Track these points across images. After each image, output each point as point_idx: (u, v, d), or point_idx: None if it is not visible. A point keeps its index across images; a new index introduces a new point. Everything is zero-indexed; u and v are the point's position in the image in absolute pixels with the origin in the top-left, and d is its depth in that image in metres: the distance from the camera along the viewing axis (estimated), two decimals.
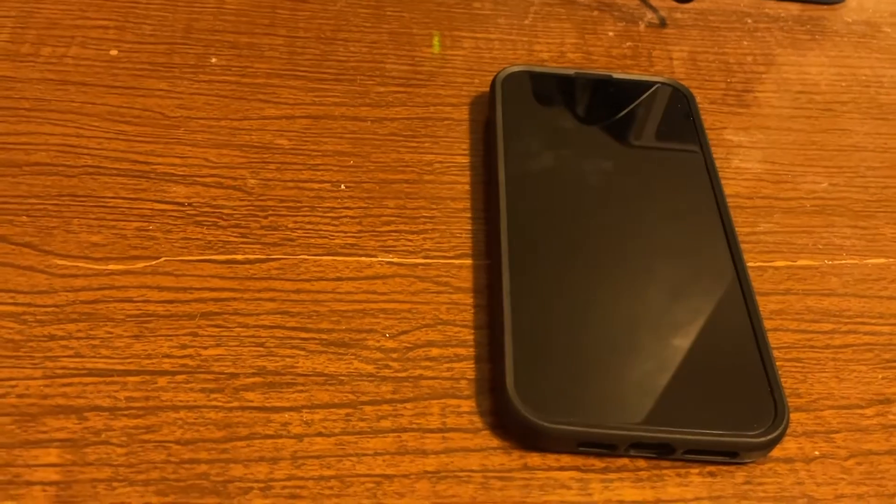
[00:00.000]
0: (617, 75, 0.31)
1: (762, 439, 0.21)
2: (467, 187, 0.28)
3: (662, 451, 0.21)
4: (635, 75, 0.32)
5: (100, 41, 0.32)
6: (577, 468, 0.21)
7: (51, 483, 0.20)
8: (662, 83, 0.31)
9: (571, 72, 0.31)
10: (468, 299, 0.25)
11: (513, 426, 0.21)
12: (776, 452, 0.22)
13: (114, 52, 0.32)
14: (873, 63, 0.36)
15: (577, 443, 0.21)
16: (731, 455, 0.21)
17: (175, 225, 0.26)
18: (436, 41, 0.35)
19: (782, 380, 0.24)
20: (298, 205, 0.27)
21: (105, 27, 0.33)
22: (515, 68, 0.31)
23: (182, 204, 0.26)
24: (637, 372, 0.22)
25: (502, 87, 0.30)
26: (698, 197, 0.27)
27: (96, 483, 0.20)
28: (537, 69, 0.31)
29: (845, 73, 0.36)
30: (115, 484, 0.20)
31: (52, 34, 0.32)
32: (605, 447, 0.21)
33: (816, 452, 0.22)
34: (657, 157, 0.29)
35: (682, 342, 0.23)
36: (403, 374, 0.23)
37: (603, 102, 0.31)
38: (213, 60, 0.32)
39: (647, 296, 0.24)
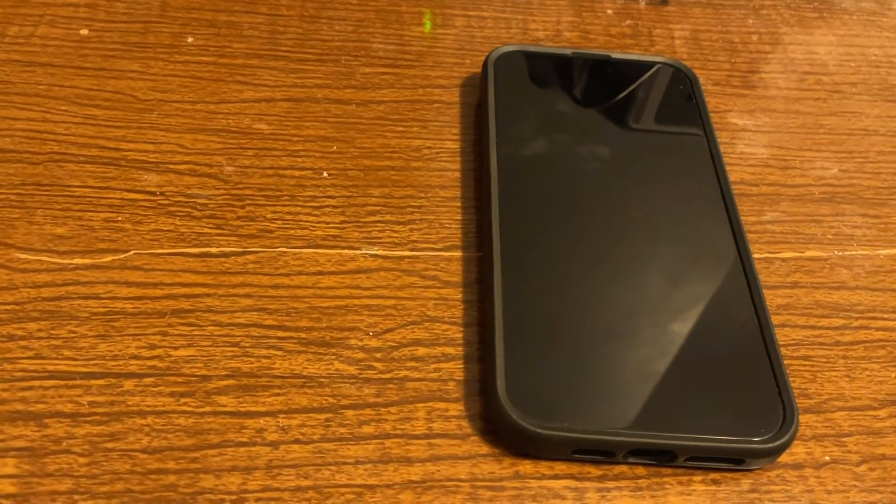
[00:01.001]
0: (616, 55, 0.30)
1: (770, 445, 0.20)
2: (458, 174, 0.27)
3: (663, 458, 0.20)
4: (635, 55, 0.30)
5: (70, 20, 0.30)
6: (572, 476, 0.20)
7: (7, 496, 0.18)
8: (664, 63, 0.30)
9: (568, 52, 0.30)
10: (457, 294, 0.23)
11: (504, 432, 0.20)
12: (784, 458, 0.21)
13: (84, 32, 0.30)
14: (883, 42, 0.35)
15: (573, 449, 0.20)
16: (736, 462, 0.20)
17: (146, 216, 0.24)
18: (427, 20, 0.33)
19: (791, 379, 0.22)
20: (278, 193, 0.25)
21: (76, 5, 0.31)
22: (509, 48, 0.29)
23: (154, 193, 0.25)
24: (636, 373, 0.21)
25: (495, 67, 0.29)
26: (701, 184, 0.26)
27: (56, 496, 0.18)
28: (532, 49, 0.30)
29: (854, 52, 0.34)
30: (76, 497, 0.18)
31: (19, 13, 0.30)
32: (601, 454, 0.20)
33: (827, 458, 0.21)
34: (658, 141, 0.27)
35: (685, 341, 0.22)
36: (388, 376, 0.21)
37: (601, 84, 0.29)
38: (190, 40, 0.30)
39: (648, 291, 0.23)
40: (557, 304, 0.22)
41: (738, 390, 0.21)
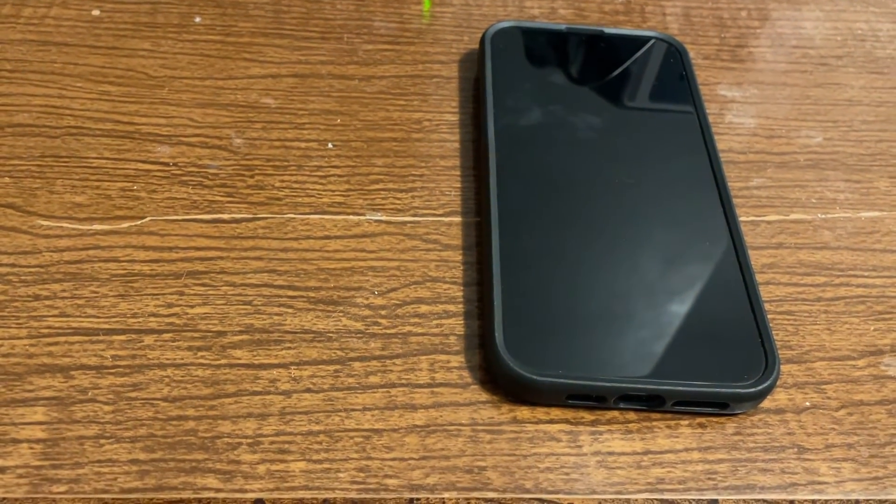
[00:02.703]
0: (609, 30, 0.31)
1: (752, 390, 0.21)
2: (457, 145, 0.28)
3: (652, 403, 0.21)
4: (628, 30, 0.31)
5: (81, 1, 0.32)
6: (566, 421, 0.21)
7: (37, 441, 0.20)
8: (656, 38, 0.31)
9: (562, 27, 0.31)
10: (457, 256, 0.25)
11: (502, 380, 0.21)
12: (767, 404, 0.22)
13: (96, 13, 0.31)
14: (869, 17, 0.36)
15: (567, 395, 0.21)
16: (721, 406, 0.21)
17: (160, 185, 0.25)
18: (427, 2, 0.34)
19: (774, 333, 0.24)
20: (285, 164, 0.27)
21: None
22: (505, 24, 0.30)
23: (167, 164, 0.26)
24: (627, 325, 0.22)
25: (491, 43, 0.30)
26: (691, 153, 0.27)
27: (83, 440, 0.20)
28: (527, 25, 0.31)
29: (841, 27, 0.35)
30: (101, 441, 0.20)
31: None
32: (594, 400, 0.21)
33: (807, 403, 0.22)
34: (650, 113, 0.29)
35: (674, 295, 0.23)
36: (392, 331, 0.23)
37: (594, 58, 0.30)
38: (197, 20, 0.31)
39: (639, 251, 0.24)
40: (552, 263, 0.23)
41: (723, 341, 0.22)
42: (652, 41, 0.31)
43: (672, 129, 0.28)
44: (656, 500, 0.20)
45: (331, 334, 0.22)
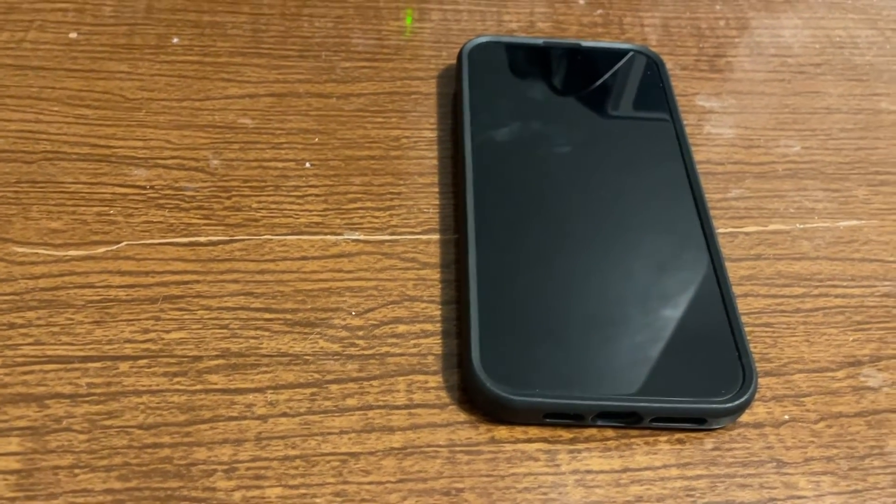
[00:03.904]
0: (586, 43, 0.31)
1: (729, 405, 0.21)
2: (435, 162, 0.28)
3: (630, 420, 0.21)
4: (604, 43, 0.31)
5: (59, 24, 0.32)
6: (544, 440, 0.21)
7: (11, 472, 0.20)
8: (632, 50, 0.31)
9: (539, 41, 0.31)
10: (435, 275, 0.25)
11: (479, 400, 0.21)
12: (745, 418, 0.22)
13: (73, 35, 0.31)
14: (847, 24, 0.36)
15: (544, 414, 0.21)
16: (699, 422, 0.21)
17: (136, 208, 0.25)
18: (408, 18, 0.34)
19: (752, 345, 0.24)
20: (262, 184, 0.27)
21: (64, 10, 0.32)
22: (482, 39, 0.31)
23: (143, 187, 0.26)
24: (604, 342, 0.22)
25: (469, 58, 0.30)
26: (668, 165, 0.27)
27: (58, 470, 0.20)
28: (504, 39, 0.31)
29: (819, 34, 0.35)
30: (76, 470, 0.20)
31: (10, 19, 0.32)
32: (571, 418, 0.21)
33: (786, 416, 0.22)
34: (627, 125, 0.29)
35: (650, 311, 0.23)
36: (370, 352, 0.23)
37: (571, 71, 0.30)
38: (175, 40, 0.31)
39: (615, 266, 0.24)
40: (529, 281, 0.23)
41: (700, 356, 0.22)
42: (628, 54, 0.31)
43: (649, 142, 0.28)
44: None
45: (307, 357, 0.22)
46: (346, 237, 0.25)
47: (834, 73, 0.33)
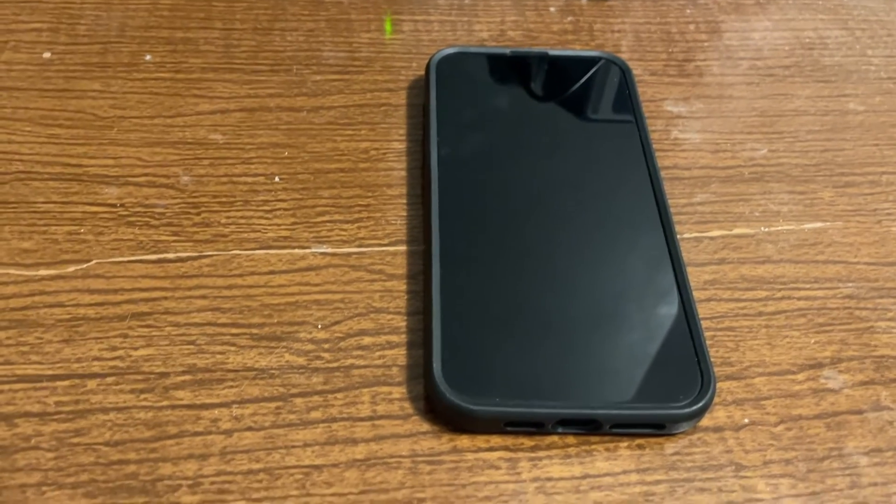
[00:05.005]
0: (553, 52, 0.31)
1: (687, 410, 0.21)
2: (403, 173, 0.28)
3: (590, 427, 0.21)
4: (571, 51, 0.32)
5: (33, 44, 0.32)
6: (506, 448, 0.21)
7: None
8: (598, 57, 0.31)
9: (507, 51, 0.31)
10: (402, 286, 0.25)
11: (440, 410, 0.22)
12: (705, 422, 0.22)
13: (47, 55, 0.32)
14: (817, 24, 0.36)
15: (505, 423, 0.21)
16: (658, 427, 0.21)
17: (106, 227, 0.26)
18: (388, 24, 0.34)
19: (714, 349, 0.24)
20: (232, 200, 0.27)
21: (39, 30, 0.33)
22: (450, 50, 0.31)
23: (114, 205, 0.26)
24: (564, 350, 0.22)
25: (437, 69, 0.30)
26: (632, 172, 0.27)
27: (25, 488, 0.20)
28: (472, 49, 0.31)
29: (788, 36, 0.35)
30: (44, 488, 0.20)
31: None
32: (532, 426, 0.21)
33: (746, 420, 0.22)
34: (591, 133, 0.29)
35: (611, 318, 0.23)
36: (335, 365, 0.23)
37: (538, 80, 0.31)
38: (148, 58, 0.32)
39: (577, 275, 0.24)
40: (491, 291, 0.24)
41: (659, 362, 0.22)
42: (595, 61, 0.31)
43: (613, 150, 0.28)
44: None
45: (273, 371, 0.23)
46: (313, 250, 0.26)
47: (803, 74, 0.34)
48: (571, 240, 0.25)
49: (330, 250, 0.26)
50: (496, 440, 0.22)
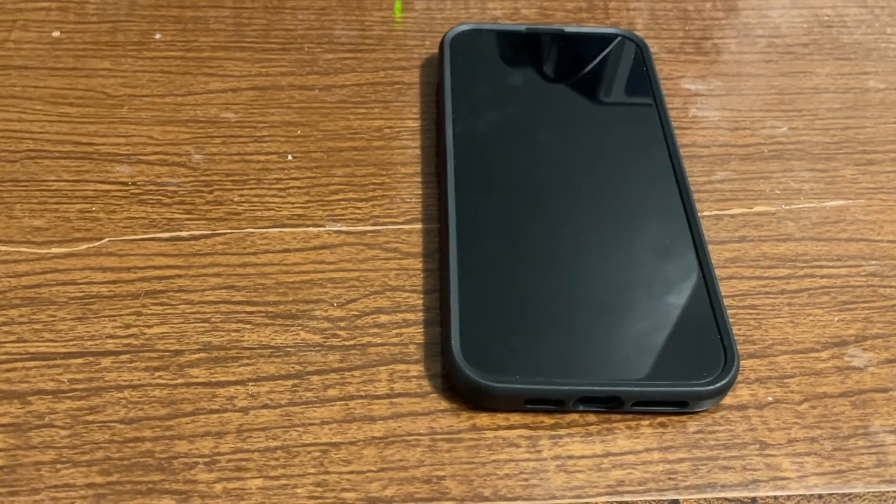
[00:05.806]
0: (568, 29, 0.31)
1: (711, 388, 0.21)
2: (418, 151, 0.28)
3: (611, 405, 0.21)
4: (587, 28, 0.31)
5: (42, 23, 0.32)
6: (526, 426, 0.21)
7: None
8: (615, 35, 0.31)
9: (522, 28, 0.31)
10: (417, 264, 0.25)
11: (460, 388, 0.21)
12: (729, 400, 0.22)
13: (56, 34, 0.31)
14: (836, 2, 0.35)
15: (525, 401, 0.21)
16: (680, 405, 0.21)
17: (119, 205, 0.25)
18: (397, 5, 0.34)
19: (736, 328, 0.23)
20: (244, 178, 0.27)
21: (47, 9, 0.32)
22: (464, 27, 0.30)
23: (126, 183, 0.26)
24: (585, 327, 0.22)
25: (451, 47, 0.30)
26: (651, 150, 0.27)
27: (40, 466, 0.20)
28: (486, 27, 0.31)
29: (807, 13, 0.35)
30: (58, 466, 0.20)
31: None
32: (553, 404, 0.21)
33: (769, 398, 0.22)
34: (609, 111, 0.28)
35: (632, 296, 0.23)
36: (351, 343, 0.23)
37: (554, 57, 0.30)
38: (158, 36, 0.31)
39: (596, 252, 0.24)
40: (509, 268, 0.23)
41: (682, 339, 0.22)
42: (612, 38, 0.31)
43: (632, 127, 0.28)
44: (616, 502, 0.20)
45: (289, 349, 0.22)
46: (328, 229, 0.25)
47: (822, 52, 0.33)
48: (590, 217, 0.25)
49: (345, 228, 0.25)
50: (516, 418, 0.21)
